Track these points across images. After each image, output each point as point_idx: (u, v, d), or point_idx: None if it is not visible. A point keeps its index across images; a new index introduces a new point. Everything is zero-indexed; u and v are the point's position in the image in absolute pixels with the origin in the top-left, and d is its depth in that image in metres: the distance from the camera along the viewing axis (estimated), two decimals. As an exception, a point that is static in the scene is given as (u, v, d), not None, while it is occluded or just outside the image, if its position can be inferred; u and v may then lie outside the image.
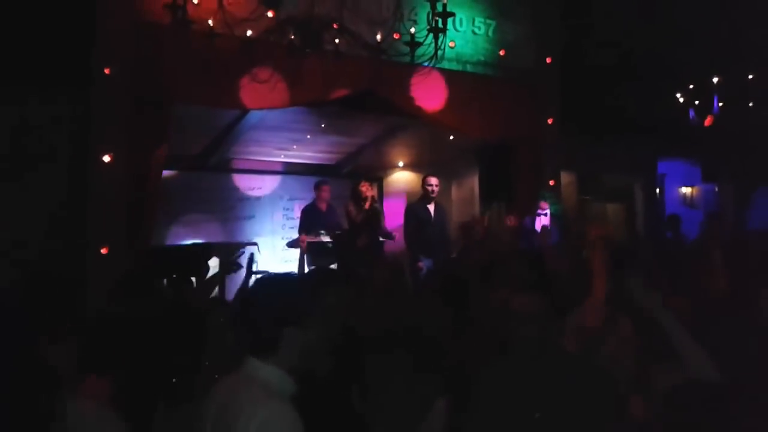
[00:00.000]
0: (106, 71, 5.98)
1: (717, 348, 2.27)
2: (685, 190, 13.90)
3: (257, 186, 9.83)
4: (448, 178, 10.31)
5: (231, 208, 9.56)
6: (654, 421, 2.65)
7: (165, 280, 5.49)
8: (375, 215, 7.95)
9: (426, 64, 5.73)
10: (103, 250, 5.92)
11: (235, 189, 9.67)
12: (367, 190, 7.84)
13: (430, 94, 7.78)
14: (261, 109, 7.12)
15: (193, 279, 5.54)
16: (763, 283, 2.64)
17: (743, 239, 7.17)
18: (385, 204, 10.46)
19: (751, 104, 9.60)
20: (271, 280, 2.22)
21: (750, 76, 9.53)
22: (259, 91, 6.56)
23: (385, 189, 10.86)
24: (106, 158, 5.98)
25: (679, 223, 9.64)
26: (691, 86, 9.87)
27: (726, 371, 2.15)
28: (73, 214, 6.04)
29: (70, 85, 6.12)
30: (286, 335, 1.93)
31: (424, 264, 7.61)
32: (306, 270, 7.85)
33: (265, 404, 1.80)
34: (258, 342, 1.95)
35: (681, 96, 10.06)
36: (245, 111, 7.60)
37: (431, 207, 8.10)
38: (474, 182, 10.19)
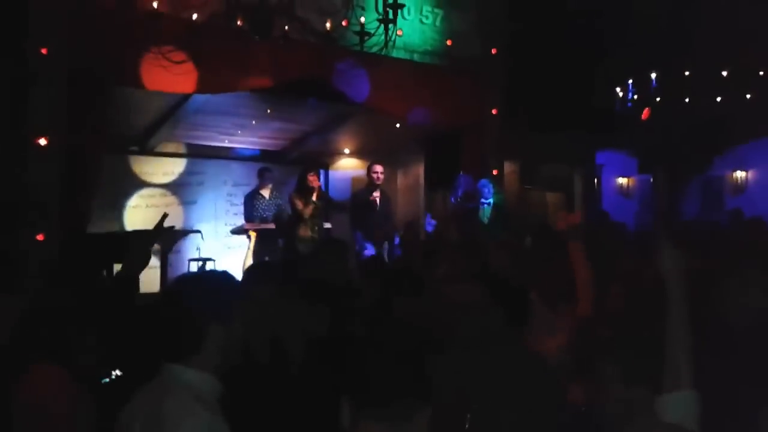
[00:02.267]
0: (43, 51, 5.77)
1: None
2: (622, 181, 14.32)
3: (200, 171, 9.66)
4: (393, 166, 10.35)
5: (172, 194, 9.38)
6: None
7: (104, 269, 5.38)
8: (324, 205, 7.98)
9: (375, 52, 5.73)
10: (39, 237, 5.74)
11: (178, 174, 9.48)
12: (314, 180, 7.77)
13: (376, 83, 7.78)
14: (204, 92, 7.00)
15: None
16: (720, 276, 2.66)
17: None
18: (330, 191, 10.46)
19: (687, 99, 9.93)
20: (190, 277, 2.13)
21: (686, 72, 9.85)
22: (203, 75, 6.44)
23: (330, 176, 10.82)
24: (42, 141, 5.78)
25: (607, 218, 9.92)
26: (630, 80, 10.16)
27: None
28: (7, 199, 5.82)
29: (4, 65, 5.86)
30: (208, 335, 1.82)
31: (368, 251, 7.64)
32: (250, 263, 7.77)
33: (188, 414, 1.70)
34: (179, 343, 1.83)
35: (620, 89, 10.35)
36: (188, 94, 7.45)
37: (376, 194, 8.13)
38: (419, 170, 10.26)
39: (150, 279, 5.86)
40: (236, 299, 1.92)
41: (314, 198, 7.70)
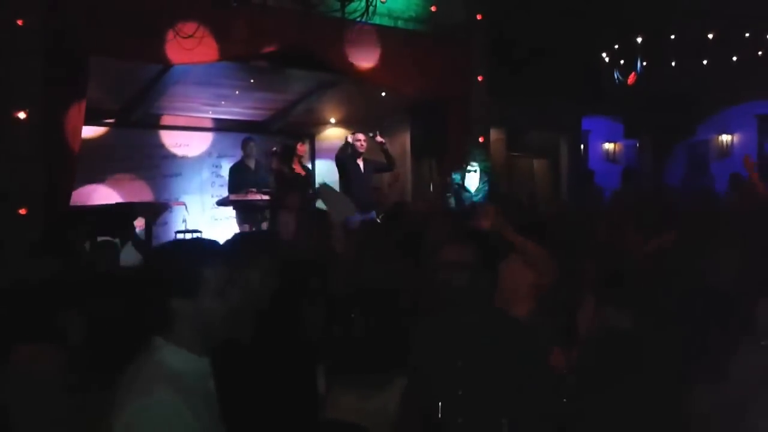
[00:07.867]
0: (19, 22, 5.65)
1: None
2: (608, 146, 14.33)
3: (184, 143, 9.56)
4: (379, 134, 10.28)
5: (156, 166, 9.29)
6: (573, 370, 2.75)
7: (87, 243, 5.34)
8: (306, 173, 8.01)
9: (357, 19, 5.64)
10: (21, 211, 5.68)
11: (161, 146, 9.38)
12: (302, 149, 7.94)
13: (360, 50, 7.69)
14: (186, 63, 6.89)
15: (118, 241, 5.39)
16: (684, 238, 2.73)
17: (658, 196, 7.53)
18: (317, 160, 10.46)
19: (673, 63, 9.90)
20: (162, 248, 1.98)
21: (672, 36, 9.81)
22: (184, 45, 6.33)
23: (316, 146, 10.76)
24: (21, 115, 5.69)
25: (592, 177, 10.07)
26: (616, 46, 10.11)
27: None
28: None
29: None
30: (178, 309, 1.68)
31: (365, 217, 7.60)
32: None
33: (137, 394, 1.58)
34: (152, 317, 1.71)
35: (606, 55, 10.30)
36: (169, 65, 7.34)
37: (360, 162, 8.08)
38: (405, 139, 10.21)
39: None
40: (206, 271, 1.72)
41: (296, 165, 7.84)
